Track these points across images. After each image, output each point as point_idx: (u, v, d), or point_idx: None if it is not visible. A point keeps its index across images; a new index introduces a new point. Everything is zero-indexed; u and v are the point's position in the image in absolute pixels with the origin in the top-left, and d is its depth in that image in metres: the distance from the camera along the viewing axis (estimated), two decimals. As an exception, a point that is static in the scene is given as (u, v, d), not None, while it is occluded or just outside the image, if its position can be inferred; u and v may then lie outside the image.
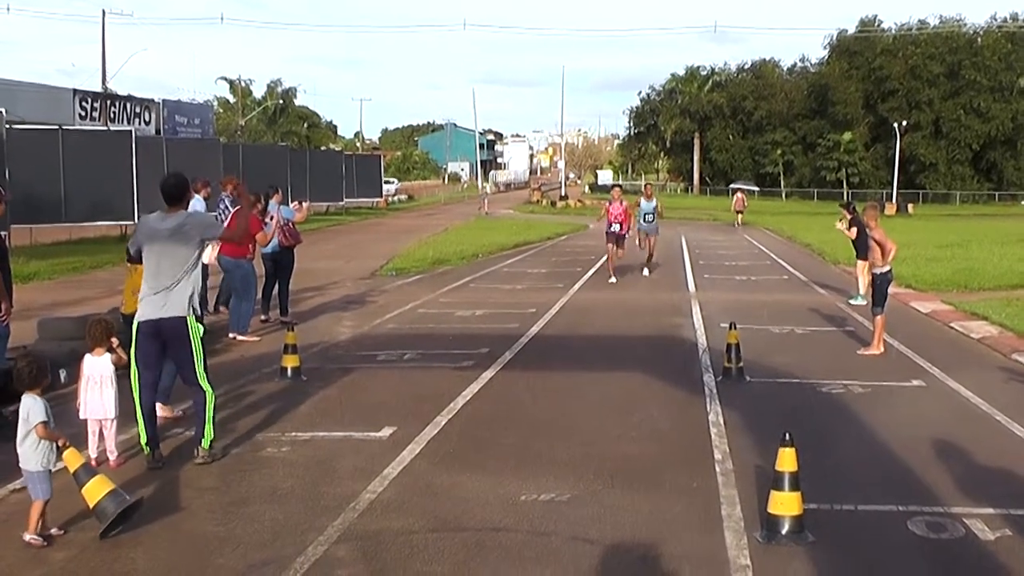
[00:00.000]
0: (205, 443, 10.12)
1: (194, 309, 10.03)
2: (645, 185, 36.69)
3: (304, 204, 20.45)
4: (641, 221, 29.34)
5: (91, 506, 8.04)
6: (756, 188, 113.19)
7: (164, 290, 9.89)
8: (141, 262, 10.43)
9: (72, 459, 8.07)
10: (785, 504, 7.80)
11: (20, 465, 8.23)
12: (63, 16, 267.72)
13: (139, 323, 10.01)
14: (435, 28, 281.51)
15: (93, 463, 9.13)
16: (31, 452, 8.09)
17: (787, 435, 7.87)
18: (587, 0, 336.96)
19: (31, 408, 8.16)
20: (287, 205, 20.34)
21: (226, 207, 18.84)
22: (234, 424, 11.52)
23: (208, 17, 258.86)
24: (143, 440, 10.05)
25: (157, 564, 7.51)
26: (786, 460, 7.79)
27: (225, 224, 10.37)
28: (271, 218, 18.50)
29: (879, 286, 16.31)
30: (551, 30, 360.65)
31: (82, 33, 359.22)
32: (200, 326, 10.07)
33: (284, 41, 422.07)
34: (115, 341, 9.74)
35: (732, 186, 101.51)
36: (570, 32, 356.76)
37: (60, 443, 8.16)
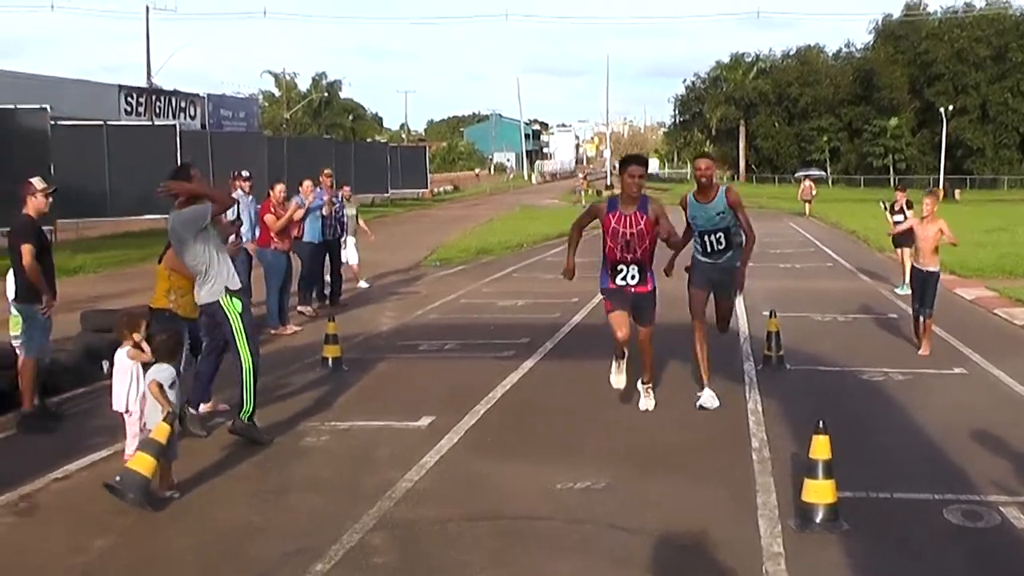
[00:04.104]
0: (243, 414, 10.34)
1: (227, 289, 10.27)
2: (699, 159, 13.36)
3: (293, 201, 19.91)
4: (698, 254, 12.56)
5: (128, 467, 8.47)
6: (824, 174, 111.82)
7: (198, 279, 10.34)
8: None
9: (160, 431, 8.53)
10: (819, 492, 7.79)
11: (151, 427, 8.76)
12: (107, 13, 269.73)
13: None
14: (478, 20, 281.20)
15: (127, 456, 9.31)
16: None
17: (821, 423, 7.86)
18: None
19: (161, 372, 8.90)
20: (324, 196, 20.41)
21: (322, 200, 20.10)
22: (275, 414, 11.61)
23: (251, 11, 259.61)
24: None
25: (191, 551, 7.63)
26: (820, 448, 7.79)
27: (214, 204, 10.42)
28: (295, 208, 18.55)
29: (934, 284, 15.24)
30: (594, 18, 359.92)
31: (127, 29, 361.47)
32: (239, 301, 10.28)
33: (328, 34, 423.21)
34: (137, 336, 9.73)
35: (799, 174, 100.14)
36: (613, 20, 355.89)
37: (163, 411, 8.69)
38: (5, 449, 10.75)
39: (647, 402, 11.81)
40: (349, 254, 23.79)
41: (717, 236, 12.21)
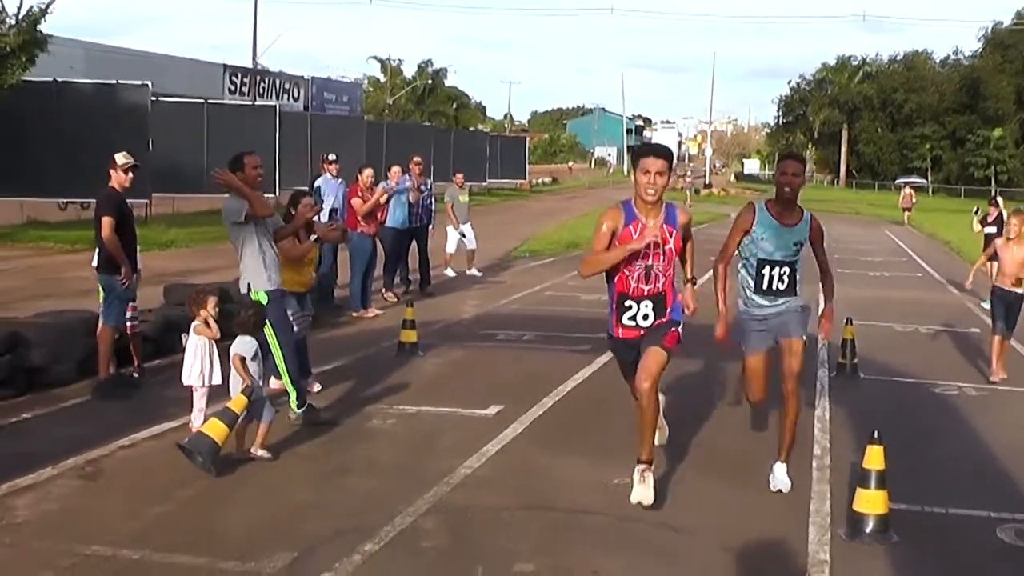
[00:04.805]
0: (291, 403, 10.55)
1: (250, 285, 10.47)
2: (786, 160, 9.34)
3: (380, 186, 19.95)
4: (748, 291, 9.36)
5: (201, 430, 8.93)
6: (925, 182, 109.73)
7: None
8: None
9: (237, 402, 9.03)
10: (870, 502, 7.77)
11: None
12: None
13: None
14: (583, 13, 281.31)
15: (192, 428, 9.69)
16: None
17: (876, 433, 7.85)
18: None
19: (243, 345, 9.33)
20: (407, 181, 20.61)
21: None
22: (345, 395, 11.88)
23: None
24: None
25: (245, 525, 7.84)
26: (873, 458, 7.76)
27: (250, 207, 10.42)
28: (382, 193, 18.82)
29: (1019, 307, 14.29)
30: (700, 15, 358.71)
31: (235, 10, 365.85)
32: (265, 295, 10.35)
33: (434, 22, 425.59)
34: (204, 312, 9.97)
35: (899, 181, 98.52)
36: (720, 18, 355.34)
37: (243, 384, 9.12)
38: (78, 414, 11.10)
39: (641, 491, 8.17)
40: (468, 238, 24.64)
41: (783, 271, 9.17)
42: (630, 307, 8.26)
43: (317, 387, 11.90)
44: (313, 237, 12.05)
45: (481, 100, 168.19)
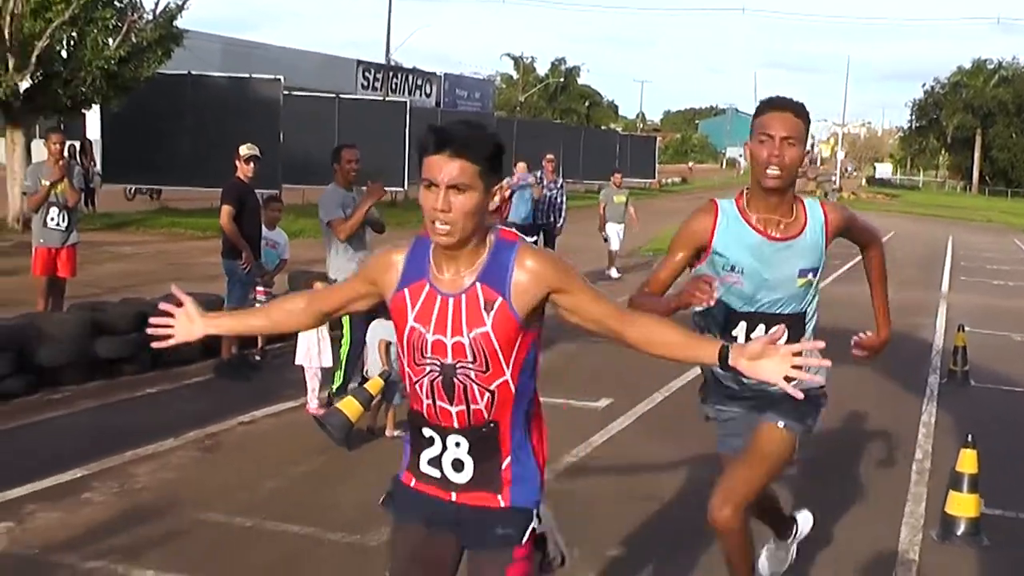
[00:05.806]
0: (332, 384, 10.68)
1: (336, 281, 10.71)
2: (769, 112, 4.96)
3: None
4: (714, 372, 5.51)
5: (337, 406, 9.13)
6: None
7: None
8: None
9: (373, 384, 9.33)
10: (962, 505, 7.87)
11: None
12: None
13: None
14: (714, 12, 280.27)
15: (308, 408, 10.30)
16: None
17: (970, 436, 7.94)
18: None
19: (388, 329, 9.50)
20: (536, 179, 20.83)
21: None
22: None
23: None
24: None
25: (355, 501, 8.16)
26: (967, 462, 7.85)
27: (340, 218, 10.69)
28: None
29: None
30: (834, 17, 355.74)
31: (370, 7, 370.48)
32: None
33: (567, 20, 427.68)
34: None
35: None
36: (853, 19, 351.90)
37: (382, 367, 9.66)
38: (200, 391, 11.72)
39: None
40: (612, 240, 24.64)
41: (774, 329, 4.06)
42: (431, 440, 4.09)
43: None
44: None
45: (613, 99, 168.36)
